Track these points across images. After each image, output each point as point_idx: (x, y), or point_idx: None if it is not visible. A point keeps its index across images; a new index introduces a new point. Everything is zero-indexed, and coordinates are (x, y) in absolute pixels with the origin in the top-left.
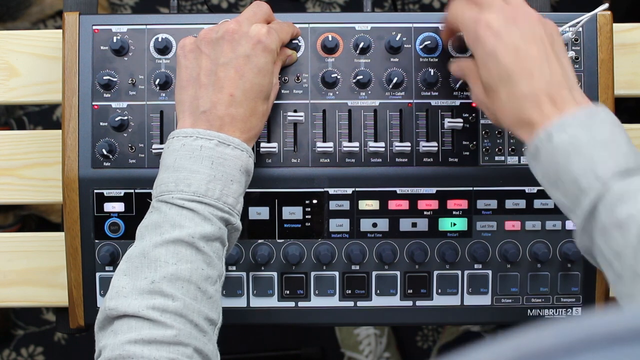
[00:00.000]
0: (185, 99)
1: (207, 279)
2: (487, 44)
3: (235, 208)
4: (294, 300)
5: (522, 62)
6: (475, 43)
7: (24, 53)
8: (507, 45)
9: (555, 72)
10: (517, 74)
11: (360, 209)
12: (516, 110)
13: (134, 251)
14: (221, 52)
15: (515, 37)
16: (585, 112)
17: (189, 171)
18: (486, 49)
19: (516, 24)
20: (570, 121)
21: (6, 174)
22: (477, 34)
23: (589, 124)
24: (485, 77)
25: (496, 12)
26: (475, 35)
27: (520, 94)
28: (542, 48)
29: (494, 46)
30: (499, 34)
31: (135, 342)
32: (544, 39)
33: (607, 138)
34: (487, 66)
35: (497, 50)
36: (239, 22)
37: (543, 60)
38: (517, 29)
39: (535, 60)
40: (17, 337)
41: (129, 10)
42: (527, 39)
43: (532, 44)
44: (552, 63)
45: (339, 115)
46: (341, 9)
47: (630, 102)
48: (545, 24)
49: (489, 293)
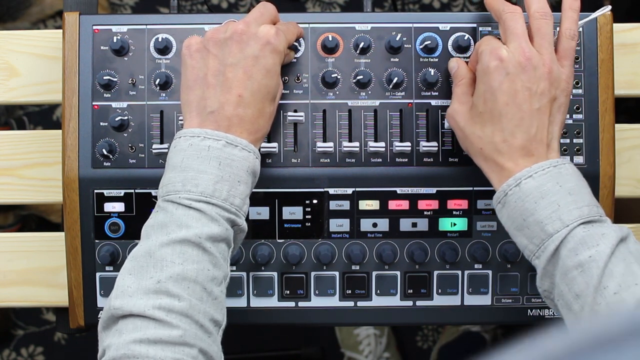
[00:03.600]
0: (193, 99)
1: (213, 280)
2: (494, 81)
3: (241, 209)
4: (294, 300)
5: (515, 108)
6: (483, 73)
7: (24, 53)
8: (510, 88)
9: (541, 130)
10: (507, 119)
11: (361, 209)
12: (492, 150)
13: (139, 250)
14: (229, 52)
15: (519, 83)
16: (553, 162)
17: (196, 171)
18: (491, 84)
19: (525, 70)
20: (539, 170)
21: (6, 174)
22: (489, 65)
23: (556, 174)
24: (480, 105)
25: (514, 51)
26: (487, 67)
27: (502, 137)
28: (539, 102)
29: (499, 85)
30: (507, 75)
31: (141, 341)
32: (545, 95)
33: (572, 188)
34: (485, 98)
35: (500, 90)
36: (247, 22)
37: (534, 116)
38: (524, 76)
39: (527, 112)
40: (17, 337)
41: (129, 10)
42: (528, 89)
43: (531, 95)
44: (543, 120)
45: (339, 115)
46: (341, 9)
47: (630, 102)
48: (554, 81)
49: (489, 293)
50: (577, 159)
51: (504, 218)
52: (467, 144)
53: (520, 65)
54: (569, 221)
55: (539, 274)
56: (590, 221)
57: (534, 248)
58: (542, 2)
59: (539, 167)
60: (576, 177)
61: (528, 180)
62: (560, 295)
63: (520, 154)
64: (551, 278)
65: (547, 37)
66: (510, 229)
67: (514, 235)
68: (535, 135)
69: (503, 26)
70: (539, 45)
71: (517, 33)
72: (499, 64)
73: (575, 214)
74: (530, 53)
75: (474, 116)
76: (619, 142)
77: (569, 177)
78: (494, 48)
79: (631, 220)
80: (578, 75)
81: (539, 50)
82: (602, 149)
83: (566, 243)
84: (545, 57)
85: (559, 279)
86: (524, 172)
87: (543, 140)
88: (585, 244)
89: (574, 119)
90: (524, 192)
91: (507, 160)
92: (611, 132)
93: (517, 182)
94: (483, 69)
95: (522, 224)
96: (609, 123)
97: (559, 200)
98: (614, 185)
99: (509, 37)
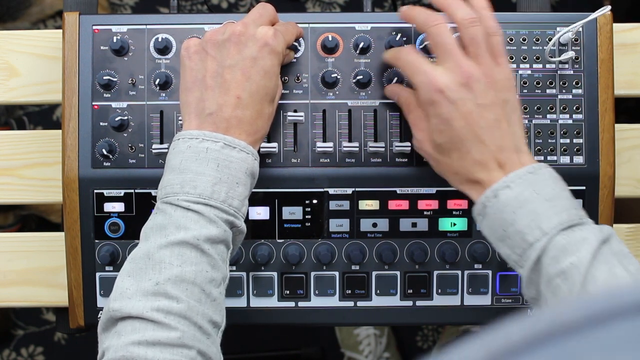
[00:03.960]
0: (191, 101)
1: (212, 282)
2: (443, 112)
3: (240, 211)
4: (294, 300)
5: (474, 129)
6: (430, 107)
7: (24, 53)
8: (462, 112)
9: (505, 137)
10: (469, 140)
11: (360, 209)
12: (465, 172)
13: (138, 252)
14: (227, 54)
15: (469, 104)
16: (529, 169)
17: (194, 173)
18: (441, 116)
19: (470, 89)
20: (515, 179)
21: (6, 174)
22: (432, 99)
23: (533, 181)
24: (437, 138)
25: (451, 73)
26: (430, 99)
27: (471, 159)
28: (494, 113)
29: (450, 114)
30: (454, 102)
31: (139, 343)
32: (496, 103)
33: (550, 193)
34: (440, 129)
35: (452, 118)
36: (245, 24)
37: (494, 126)
38: (471, 95)
39: (486, 127)
40: (17, 337)
41: (129, 10)
42: (479, 106)
43: (483, 109)
44: (503, 128)
45: (339, 115)
46: (341, 9)
47: (630, 102)
48: (498, 86)
49: (489, 293)
50: (577, 159)
51: (485, 230)
52: (442, 171)
53: (462, 86)
54: (549, 229)
55: (524, 283)
56: (571, 226)
57: (516, 258)
58: (466, 9)
59: (515, 176)
60: (553, 182)
61: (505, 190)
62: (546, 302)
63: (493, 167)
64: (536, 286)
65: (482, 45)
66: (493, 240)
67: (497, 245)
68: (502, 145)
69: (431, 40)
70: (475, 55)
71: (448, 49)
72: (442, 96)
73: (555, 221)
74: (468, 69)
75: (437, 147)
76: (619, 142)
77: (545, 182)
78: (429, 80)
79: (631, 220)
80: (578, 75)
81: (476, 60)
82: (602, 149)
83: (547, 252)
84: (484, 66)
85: (544, 287)
86: (500, 183)
87: (510, 147)
88: (566, 251)
89: (574, 119)
90: (502, 203)
91: (482, 174)
92: (611, 132)
93: (494, 194)
94: (427, 103)
95: (503, 234)
96: (609, 123)
97: (537, 208)
98: (614, 185)
99: (441, 54)
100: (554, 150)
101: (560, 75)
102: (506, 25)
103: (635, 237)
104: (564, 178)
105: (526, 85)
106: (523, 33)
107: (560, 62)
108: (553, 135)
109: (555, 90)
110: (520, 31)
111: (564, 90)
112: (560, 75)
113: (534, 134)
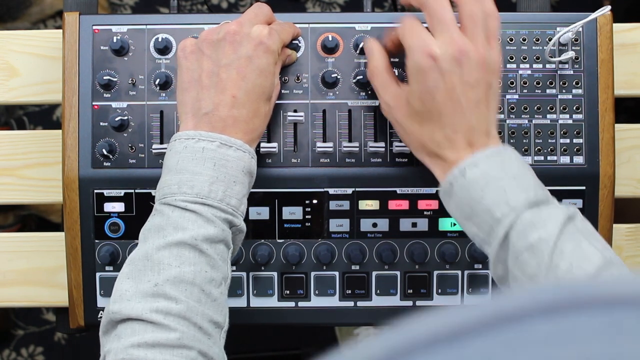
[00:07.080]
0: (187, 101)
1: (211, 282)
2: (429, 80)
3: (238, 209)
4: (294, 300)
5: (454, 105)
6: (417, 73)
7: (24, 53)
8: (447, 85)
9: (481, 119)
10: (447, 116)
11: (360, 209)
12: (433, 146)
13: (137, 254)
14: (223, 53)
15: (455, 79)
16: (495, 150)
17: (191, 173)
18: (426, 83)
19: (460, 65)
20: (482, 158)
21: (6, 174)
22: (421, 64)
23: (499, 160)
24: (416, 106)
25: (446, 46)
26: (419, 65)
27: (443, 134)
28: (477, 94)
29: (435, 83)
30: (443, 73)
31: (139, 345)
32: (480, 84)
33: (516, 172)
34: (422, 98)
35: (436, 88)
36: (240, 23)
37: (473, 107)
38: (459, 70)
39: (466, 106)
40: (17, 337)
41: (129, 10)
42: (465, 83)
43: (468, 88)
44: (481, 110)
45: (339, 115)
46: (341, 9)
47: (630, 102)
48: (488, 68)
49: (489, 293)
50: (577, 159)
51: (451, 209)
52: (407, 140)
53: (455, 60)
54: (516, 205)
55: (491, 261)
56: (537, 204)
57: (484, 236)
58: None
59: (482, 155)
60: (519, 162)
61: (473, 168)
62: (514, 280)
63: (462, 146)
64: (504, 263)
65: (479, 23)
66: (459, 219)
67: (463, 224)
68: (476, 126)
69: (429, 14)
70: (471, 33)
71: (446, 22)
72: (433, 64)
73: (522, 197)
74: (463, 45)
75: (412, 114)
76: (619, 142)
77: (511, 162)
78: (425, 44)
79: (631, 220)
80: (578, 75)
81: (471, 37)
82: (602, 149)
83: (515, 227)
84: (478, 45)
85: (511, 264)
86: (468, 161)
87: (482, 130)
88: (533, 225)
89: (574, 119)
90: (469, 181)
91: (450, 152)
92: (611, 132)
93: (461, 172)
94: (415, 67)
95: (470, 213)
96: (608, 123)
97: (504, 186)
98: (614, 185)
99: (437, 26)
100: (554, 150)
101: (560, 75)
102: (506, 25)
103: (635, 237)
104: (564, 178)
105: (526, 85)
106: (523, 33)
107: (560, 62)
108: (553, 135)
109: (555, 90)
110: (520, 31)
111: (564, 90)
112: (560, 75)
113: (534, 134)
